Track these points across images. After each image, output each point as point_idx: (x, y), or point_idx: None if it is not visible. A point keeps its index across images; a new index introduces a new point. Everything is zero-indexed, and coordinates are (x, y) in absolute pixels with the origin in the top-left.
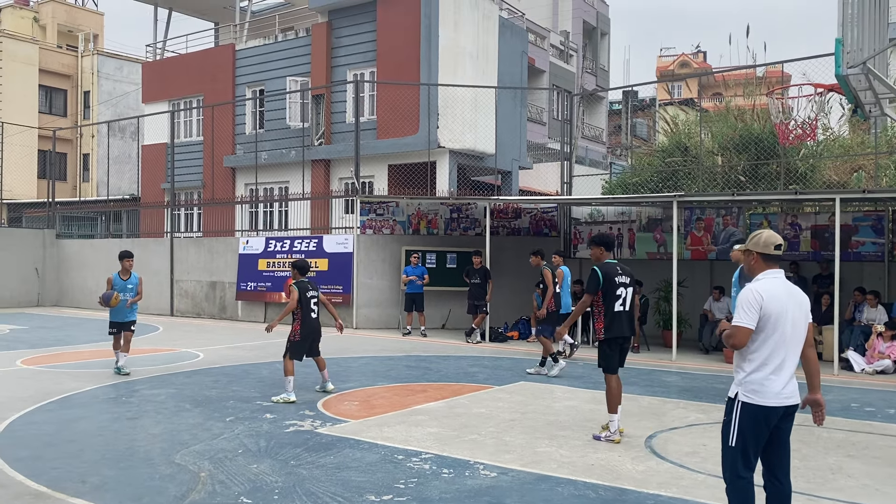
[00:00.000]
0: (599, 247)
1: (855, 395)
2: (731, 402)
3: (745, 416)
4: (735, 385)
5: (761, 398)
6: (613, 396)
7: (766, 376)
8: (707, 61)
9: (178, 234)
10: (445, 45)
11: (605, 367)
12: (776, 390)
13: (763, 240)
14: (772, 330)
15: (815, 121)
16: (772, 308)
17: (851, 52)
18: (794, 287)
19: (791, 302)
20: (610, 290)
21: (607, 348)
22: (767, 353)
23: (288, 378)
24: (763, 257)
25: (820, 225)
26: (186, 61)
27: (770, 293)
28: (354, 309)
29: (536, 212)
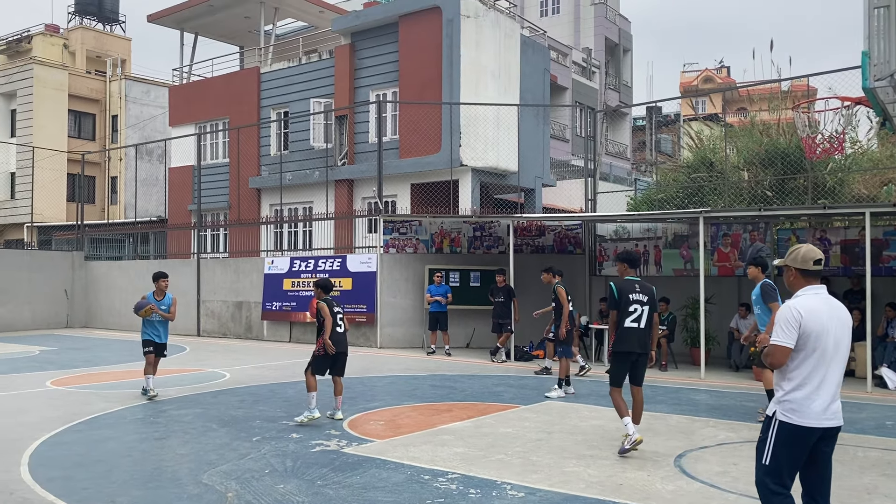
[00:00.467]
0: (623, 263)
1: (889, 412)
2: (768, 419)
3: (781, 436)
4: (773, 403)
5: (799, 418)
6: (618, 406)
7: (806, 396)
8: (731, 76)
9: (204, 255)
10: (467, 63)
11: (610, 380)
12: (816, 411)
13: (802, 255)
14: (812, 348)
15: (842, 134)
16: (812, 326)
17: (878, 64)
18: (836, 303)
19: (833, 319)
20: (623, 306)
21: (616, 362)
22: (807, 372)
23: (311, 394)
24: (802, 273)
25: (850, 240)
26: (212, 85)
27: (810, 310)
28: (378, 328)
29: (560, 229)
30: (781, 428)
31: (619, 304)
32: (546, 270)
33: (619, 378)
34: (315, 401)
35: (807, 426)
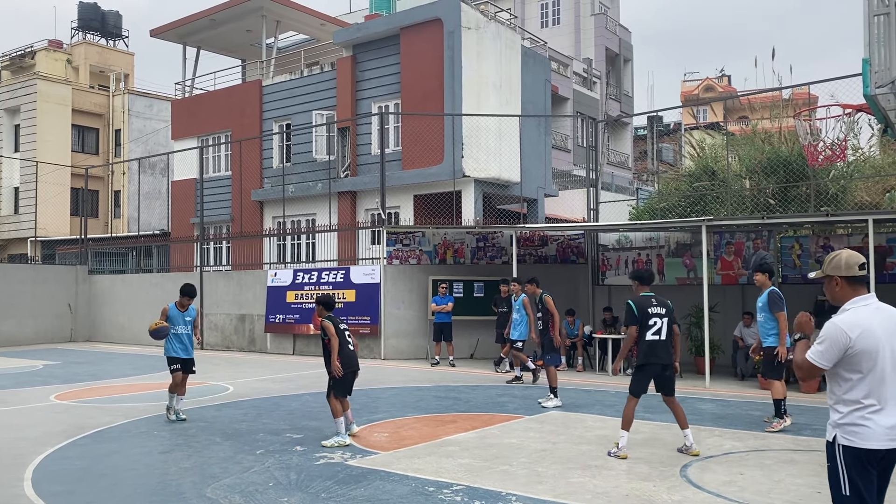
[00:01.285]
0: (636, 281)
1: None
2: (829, 446)
3: (850, 461)
4: (832, 427)
5: (862, 440)
6: (627, 417)
7: (866, 416)
8: (732, 85)
9: (207, 268)
10: (469, 75)
11: (631, 390)
12: (879, 432)
13: (845, 261)
14: (867, 369)
15: (844, 141)
16: (864, 345)
17: (879, 71)
18: (889, 311)
19: (887, 332)
20: (643, 321)
21: (639, 374)
22: (865, 393)
23: (339, 420)
24: (848, 281)
25: (853, 247)
26: (214, 98)
27: (860, 329)
28: (382, 339)
29: (563, 239)
30: (847, 453)
31: (638, 319)
32: (530, 282)
33: (639, 389)
34: (343, 426)
35: (871, 448)
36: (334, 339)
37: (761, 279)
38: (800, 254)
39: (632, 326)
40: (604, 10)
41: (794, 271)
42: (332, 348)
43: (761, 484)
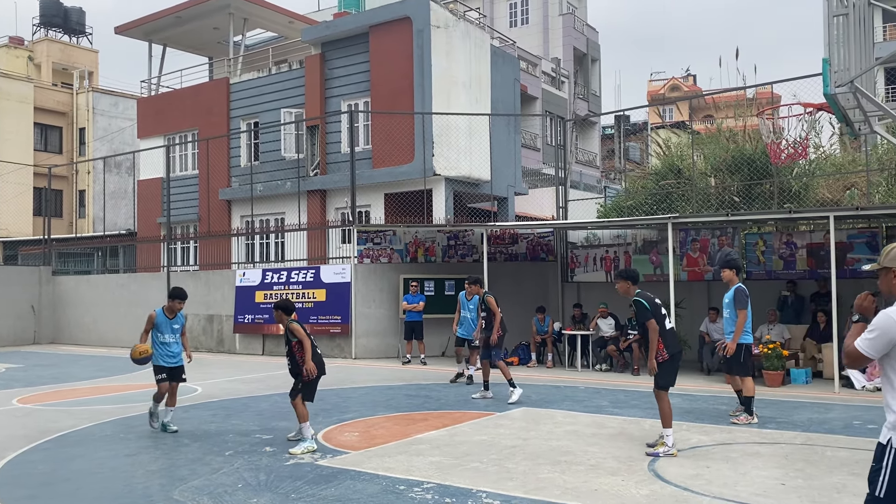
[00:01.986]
0: (626, 280)
1: (857, 412)
2: (881, 448)
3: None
4: (888, 429)
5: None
6: (666, 414)
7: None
8: (697, 84)
9: (174, 268)
10: (438, 73)
11: (663, 384)
12: None
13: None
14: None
15: (805, 140)
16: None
17: (839, 71)
18: None
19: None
20: (657, 314)
21: (670, 365)
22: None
23: (305, 424)
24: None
25: (815, 243)
26: (181, 96)
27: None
28: (353, 339)
29: (533, 237)
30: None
31: (653, 313)
32: (474, 282)
33: (672, 381)
34: (310, 430)
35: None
36: (306, 340)
37: (729, 275)
38: (764, 250)
39: (651, 321)
40: (571, 10)
41: (758, 267)
42: (305, 350)
43: (727, 477)
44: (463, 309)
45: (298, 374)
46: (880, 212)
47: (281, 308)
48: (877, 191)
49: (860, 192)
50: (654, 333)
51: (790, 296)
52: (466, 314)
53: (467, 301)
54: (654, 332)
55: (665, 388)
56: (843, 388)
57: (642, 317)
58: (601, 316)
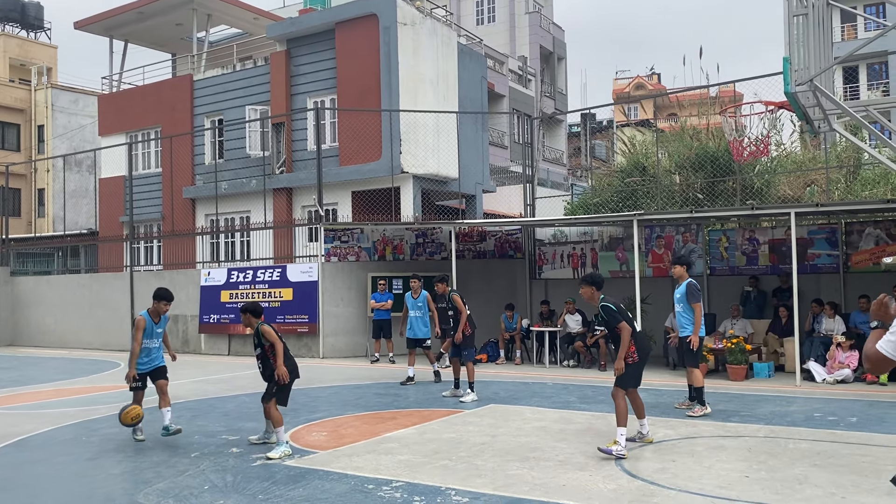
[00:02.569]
0: (591, 286)
1: (818, 405)
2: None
3: None
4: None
5: None
6: (623, 412)
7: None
8: (661, 83)
9: (137, 268)
10: (405, 71)
11: (626, 383)
12: None
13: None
14: None
15: (767, 137)
16: None
17: (799, 70)
18: None
19: None
20: (627, 317)
21: (637, 368)
22: None
23: (280, 429)
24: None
25: (777, 239)
26: (143, 93)
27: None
28: (321, 338)
29: (501, 234)
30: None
31: (624, 315)
32: (441, 280)
33: (635, 383)
34: (286, 434)
35: None
36: (278, 343)
37: (679, 271)
38: (727, 246)
39: (622, 323)
40: (538, 9)
41: (721, 263)
42: (278, 353)
43: (692, 470)
44: (411, 309)
45: (271, 378)
46: (839, 208)
47: (249, 311)
48: (836, 187)
49: (820, 188)
50: (627, 334)
51: (753, 291)
52: (415, 314)
53: (414, 300)
54: (628, 334)
55: (625, 387)
56: (804, 381)
57: (614, 321)
58: (568, 311)
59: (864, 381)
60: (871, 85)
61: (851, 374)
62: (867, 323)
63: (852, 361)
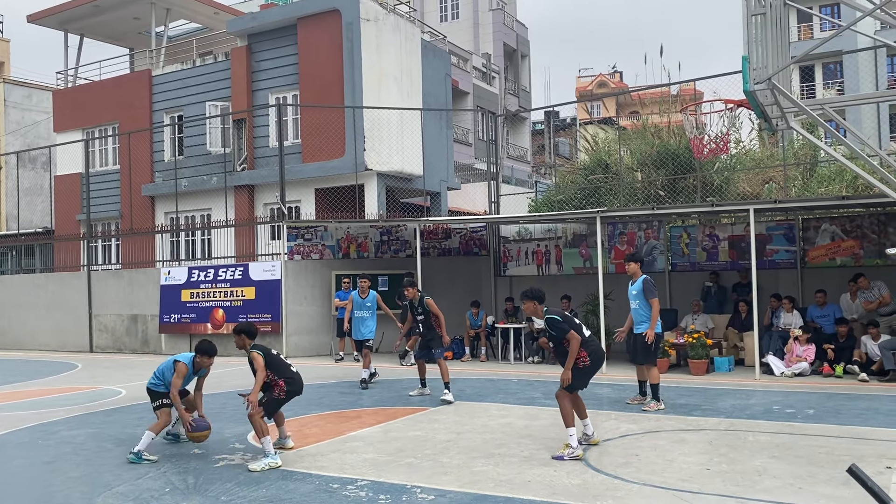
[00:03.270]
0: (533, 301)
1: (776, 397)
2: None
3: None
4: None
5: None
6: (568, 414)
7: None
8: (623, 81)
9: (95, 267)
10: (369, 67)
11: (572, 387)
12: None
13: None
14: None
15: (727, 135)
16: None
17: (757, 69)
18: None
19: None
20: (574, 325)
21: (588, 371)
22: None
23: (266, 439)
24: None
25: (736, 235)
26: (100, 88)
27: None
28: (284, 337)
29: (466, 231)
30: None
31: (571, 325)
32: (411, 285)
33: (582, 385)
34: (271, 445)
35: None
36: (261, 372)
37: (633, 268)
38: (688, 242)
39: (571, 332)
40: (501, 6)
41: (682, 259)
42: (257, 382)
43: (655, 464)
44: (357, 309)
45: (268, 388)
46: (796, 205)
47: (243, 332)
48: (793, 184)
49: (778, 185)
50: (576, 343)
51: (713, 286)
52: (361, 314)
53: (362, 300)
54: (577, 342)
55: (571, 390)
56: (763, 374)
57: (561, 333)
58: None
59: (820, 374)
60: (827, 84)
61: (808, 367)
62: (824, 317)
63: (809, 354)
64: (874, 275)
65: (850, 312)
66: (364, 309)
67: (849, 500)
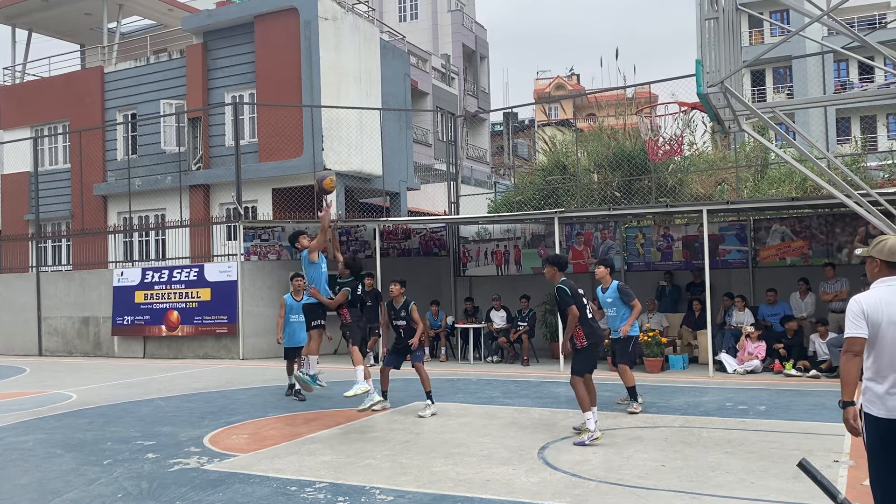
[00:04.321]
0: (554, 266)
1: (729, 394)
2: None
3: (868, 428)
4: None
5: (876, 409)
6: (583, 399)
7: (882, 387)
8: (581, 83)
9: (44, 269)
10: (327, 66)
11: (580, 371)
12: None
13: (888, 247)
14: (877, 339)
15: (681, 137)
16: (876, 318)
17: (711, 72)
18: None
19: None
20: (579, 303)
21: (588, 353)
22: (879, 364)
23: (358, 367)
24: (887, 265)
25: (690, 235)
26: (50, 85)
27: (874, 302)
28: (241, 339)
29: (426, 232)
30: (866, 419)
31: (576, 301)
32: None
33: (588, 367)
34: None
35: (884, 418)
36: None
37: (602, 272)
38: (643, 242)
39: (572, 307)
40: (460, 7)
41: (637, 259)
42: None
43: (612, 461)
44: (292, 313)
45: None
46: (748, 206)
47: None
48: (745, 186)
49: (730, 187)
50: (573, 318)
51: (668, 286)
52: (299, 319)
53: (297, 302)
54: (574, 318)
55: (581, 374)
56: (716, 372)
57: (564, 303)
58: (495, 308)
59: (771, 371)
60: (777, 88)
61: (760, 364)
62: (774, 315)
63: (760, 352)
64: (820, 274)
65: (799, 311)
66: (299, 314)
67: (799, 493)
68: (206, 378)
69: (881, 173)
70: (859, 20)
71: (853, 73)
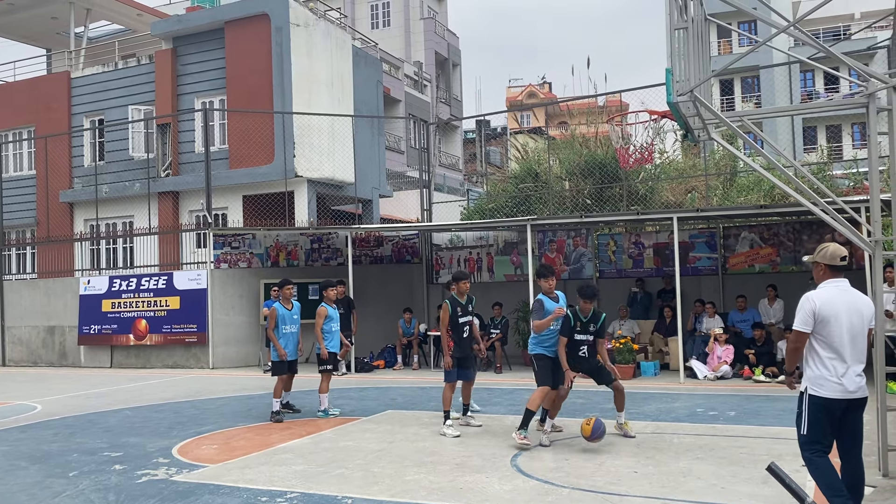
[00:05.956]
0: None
1: (700, 400)
2: (801, 395)
3: (813, 408)
4: (804, 380)
5: (825, 391)
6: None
7: (828, 372)
8: (553, 91)
9: (8, 277)
10: (299, 72)
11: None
12: (836, 384)
13: (830, 253)
14: (827, 331)
15: (651, 145)
16: (825, 312)
17: (680, 81)
18: (855, 294)
19: (847, 306)
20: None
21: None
22: (827, 353)
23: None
24: (830, 268)
25: (661, 243)
26: (14, 90)
27: (823, 299)
28: (211, 348)
29: (398, 239)
30: (812, 401)
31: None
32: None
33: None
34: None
35: (832, 398)
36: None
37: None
38: (615, 250)
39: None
40: (432, 15)
41: (609, 266)
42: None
43: (584, 468)
44: (285, 324)
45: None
46: (718, 213)
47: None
48: (714, 193)
49: (700, 195)
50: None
51: (639, 292)
52: (291, 329)
53: (289, 311)
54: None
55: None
56: (687, 378)
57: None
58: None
59: (741, 377)
60: (745, 97)
61: (730, 370)
62: (744, 321)
63: (728, 356)
64: (788, 280)
65: (767, 317)
66: (294, 322)
67: (769, 497)
68: (175, 387)
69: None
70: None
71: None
